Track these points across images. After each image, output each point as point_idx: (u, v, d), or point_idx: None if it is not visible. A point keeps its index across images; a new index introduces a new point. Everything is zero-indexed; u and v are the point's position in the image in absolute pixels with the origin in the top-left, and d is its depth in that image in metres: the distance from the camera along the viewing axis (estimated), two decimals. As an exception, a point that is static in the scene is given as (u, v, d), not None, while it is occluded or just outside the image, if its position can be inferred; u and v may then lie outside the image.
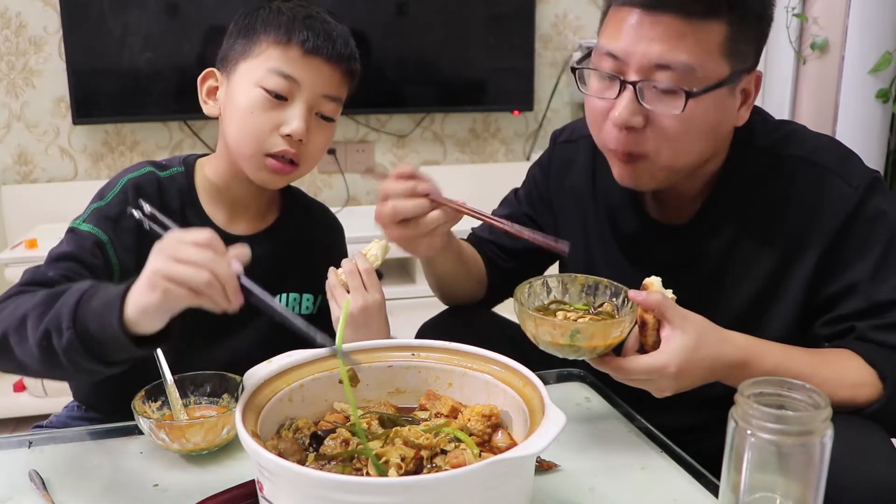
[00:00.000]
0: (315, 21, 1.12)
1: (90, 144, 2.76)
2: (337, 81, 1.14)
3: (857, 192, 1.01)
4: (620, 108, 0.98)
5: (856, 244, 1.02)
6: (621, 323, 0.91)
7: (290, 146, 1.10)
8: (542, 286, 1.00)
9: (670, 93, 0.96)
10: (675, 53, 0.94)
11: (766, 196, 1.07)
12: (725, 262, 1.09)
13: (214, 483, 0.89)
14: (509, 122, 3.04)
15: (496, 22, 2.89)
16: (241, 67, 1.13)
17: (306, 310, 1.23)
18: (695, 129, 0.98)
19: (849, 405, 0.95)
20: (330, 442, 0.81)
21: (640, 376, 0.91)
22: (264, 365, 0.87)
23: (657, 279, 0.94)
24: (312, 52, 1.10)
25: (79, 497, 0.89)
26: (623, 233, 1.19)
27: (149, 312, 0.79)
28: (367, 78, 1.28)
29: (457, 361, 0.91)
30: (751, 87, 1.03)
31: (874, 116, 2.46)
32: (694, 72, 0.95)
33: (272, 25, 1.11)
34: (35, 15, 2.63)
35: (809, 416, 0.69)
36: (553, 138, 1.33)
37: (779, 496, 0.71)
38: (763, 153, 1.08)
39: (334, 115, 1.16)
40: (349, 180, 2.94)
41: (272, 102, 1.10)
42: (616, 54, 0.98)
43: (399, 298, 2.57)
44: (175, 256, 0.78)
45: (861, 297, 1.01)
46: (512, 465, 0.69)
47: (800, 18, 2.51)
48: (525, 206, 1.32)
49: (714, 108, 0.98)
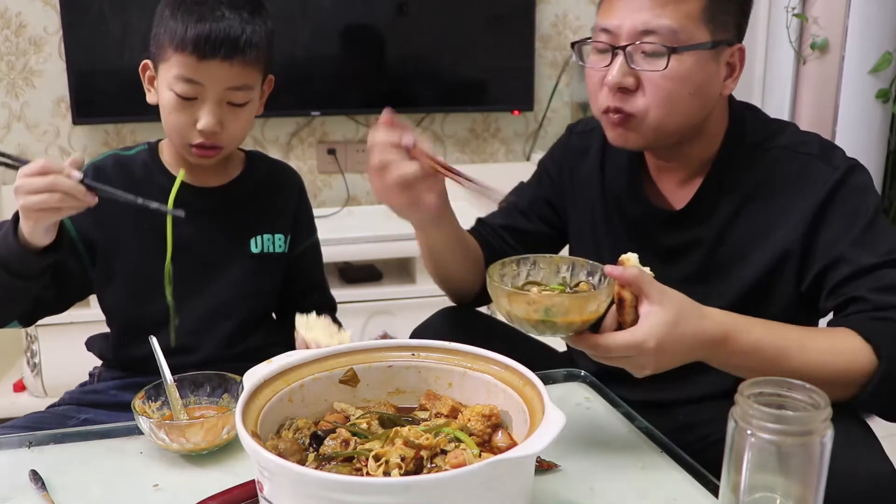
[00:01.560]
0: (206, 22, 1.18)
1: (90, 144, 2.76)
2: (237, 73, 1.21)
3: (839, 171, 1.08)
4: (613, 72, 1.08)
5: (838, 216, 1.07)
6: (597, 297, 0.89)
7: (206, 138, 1.22)
8: (517, 265, 0.99)
9: (657, 55, 1.06)
10: (658, 20, 1.05)
11: (755, 181, 1.14)
12: (721, 245, 1.15)
13: (214, 483, 0.89)
14: (509, 122, 3.04)
15: (496, 22, 2.89)
16: (161, 69, 1.23)
17: (279, 248, 1.36)
18: (681, 88, 1.07)
19: (841, 380, 0.95)
20: (330, 442, 0.81)
21: (618, 353, 0.90)
22: (264, 365, 0.87)
23: (634, 255, 0.93)
24: (207, 57, 1.18)
25: (79, 497, 0.89)
26: (627, 219, 1.24)
27: (35, 234, 1.07)
28: (367, 78, 1.29)
29: (457, 361, 0.91)
30: (735, 60, 1.12)
31: (874, 116, 2.46)
32: (677, 34, 1.05)
33: (170, 32, 1.19)
34: (35, 15, 2.63)
35: (809, 416, 0.69)
36: (569, 129, 1.40)
37: (779, 496, 0.71)
38: (752, 147, 1.15)
39: (246, 100, 1.24)
40: (349, 180, 2.94)
41: (183, 103, 1.20)
42: (609, 28, 1.09)
43: (399, 298, 2.57)
44: (27, 190, 1.02)
45: (848, 265, 1.04)
46: (512, 465, 0.69)
47: (800, 18, 2.51)
48: (542, 190, 1.37)
49: (698, 68, 1.07)
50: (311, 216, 1.44)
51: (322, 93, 2.79)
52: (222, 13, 1.19)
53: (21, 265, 1.10)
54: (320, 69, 2.79)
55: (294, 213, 1.39)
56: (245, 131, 1.28)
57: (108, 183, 1.14)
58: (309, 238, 1.42)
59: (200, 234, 1.29)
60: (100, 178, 1.23)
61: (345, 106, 2.84)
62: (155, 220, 1.23)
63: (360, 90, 2.84)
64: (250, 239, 1.33)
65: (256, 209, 1.35)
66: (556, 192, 1.36)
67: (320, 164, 2.93)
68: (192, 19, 1.18)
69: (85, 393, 1.32)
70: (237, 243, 1.33)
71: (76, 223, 1.25)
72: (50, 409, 1.30)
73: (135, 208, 1.12)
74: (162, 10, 1.22)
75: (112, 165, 1.30)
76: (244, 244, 1.33)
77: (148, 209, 1.11)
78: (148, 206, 1.09)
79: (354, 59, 2.80)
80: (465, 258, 1.26)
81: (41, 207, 1.03)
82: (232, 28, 1.19)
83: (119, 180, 1.26)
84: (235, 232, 1.33)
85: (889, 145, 2.56)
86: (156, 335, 1.10)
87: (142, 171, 1.30)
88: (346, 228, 2.66)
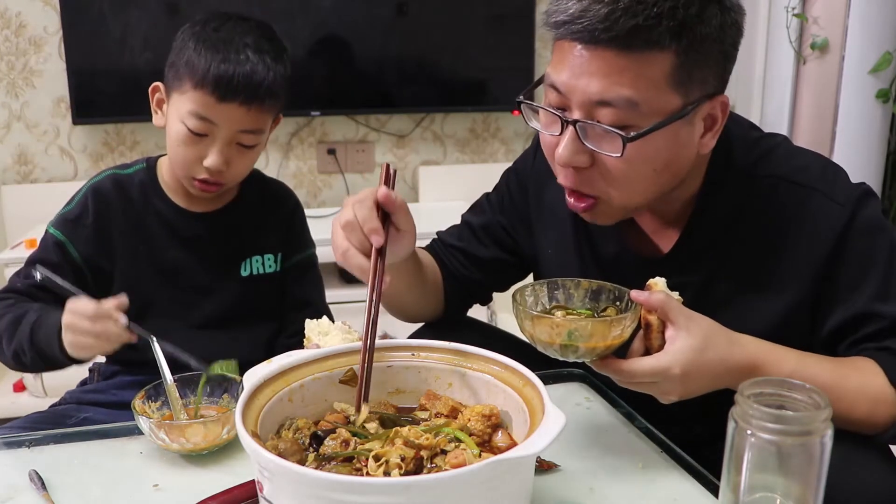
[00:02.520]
0: (230, 64, 1.17)
1: (90, 144, 2.76)
2: (253, 118, 1.22)
3: (846, 209, 0.96)
4: (561, 148, 0.92)
5: (855, 263, 0.97)
6: (621, 322, 0.88)
7: (210, 175, 1.22)
8: (544, 289, 0.98)
9: (610, 130, 0.89)
10: (615, 89, 0.87)
11: (748, 221, 1.01)
12: (707, 297, 1.00)
13: (214, 483, 0.89)
14: (509, 122, 3.04)
15: (496, 22, 2.89)
16: (173, 97, 1.23)
17: (269, 268, 1.36)
18: (643, 170, 0.92)
19: (865, 423, 0.92)
20: (330, 442, 0.81)
21: (643, 379, 0.88)
22: (264, 365, 0.87)
23: (662, 280, 0.92)
24: (226, 99, 1.18)
25: (79, 497, 0.89)
26: (602, 258, 1.12)
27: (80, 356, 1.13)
28: (367, 78, 1.29)
29: (457, 361, 0.91)
30: (717, 111, 0.94)
31: (874, 116, 2.46)
32: (637, 107, 0.88)
33: (191, 67, 1.19)
34: (35, 15, 2.63)
35: (809, 416, 0.69)
36: (535, 143, 1.21)
37: (779, 496, 0.71)
38: (741, 174, 1.01)
39: (255, 142, 1.25)
40: (349, 180, 2.94)
41: (193, 138, 1.20)
42: (559, 88, 0.92)
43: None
44: (78, 331, 1.07)
45: (871, 321, 0.96)
46: (512, 465, 0.69)
47: (800, 18, 2.51)
48: (499, 214, 1.24)
49: (665, 144, 0.91)
50: (304, 233, 1.43)
51: (322, 93, 2.80)
52: (246, 56, 1.19)
53: (61, 366, 1.18)
54: (320, 69, 2.79)
55: (286, 233, 1.39)
56: (247, 172, 1.29)
57: (108, 207, 1.27)
58: (300, 253, 1.41)
59: (192, 260, 1.31)
60: (99, 200, 1.28)
61: (345, 106, 2.85)
62: (150, 246, 1.28)
63: (360, 90, 2.84)
64: (241, 262, 1.34)
65: (248, 233, 1.35)
66: (519, 218, 1.22)
67: (320, 164, 2.93)
68: (216, 58, 1.17)
69: (86, 392, 1.32)
70: (228, 268, 1.33)
71: (80, 250, 1.27)
72: (51, 408, 1.30)
73: (135, 235, 1.27)
74: (185, 40, 1.22)
75: (111, 187, 1.30)
76: (235, 268, 1.33)
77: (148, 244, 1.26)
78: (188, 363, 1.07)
79: (354, 59, 2.80)
80: (425, 294, 1.20)
81: (89, 349, 1.10)
82: (255, 73, 1.19)
83: (118, 204, 1.29)
84: (227, 257, 1.34)
85: (889, 145, 2.55)
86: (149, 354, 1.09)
87: (139, 194, 1.30)
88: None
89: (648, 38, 0.86)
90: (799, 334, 1.00)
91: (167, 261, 1.29)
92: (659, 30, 0.86)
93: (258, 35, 1.22)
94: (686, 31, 0.87)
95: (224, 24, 1.22)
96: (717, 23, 0.89)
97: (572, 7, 0.88)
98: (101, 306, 1.06)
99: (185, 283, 1.31)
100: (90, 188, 1.30)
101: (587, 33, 0.87)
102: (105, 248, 1.28)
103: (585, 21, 0.87)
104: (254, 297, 1.35)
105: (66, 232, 1.27)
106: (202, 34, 1.20)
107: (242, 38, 1.20)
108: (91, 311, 1.06)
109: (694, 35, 0.88)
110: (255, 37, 1.21)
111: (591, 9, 0.86)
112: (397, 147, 2.97)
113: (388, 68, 2.84)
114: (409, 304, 1.22)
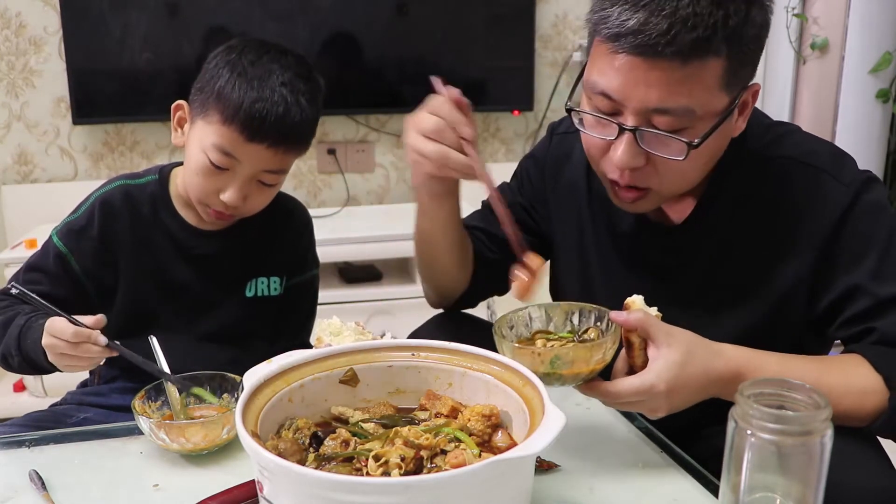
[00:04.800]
0: (264, 103, 1.13)
1: (90, 144, 2.76)
2: (279, 160, 1.19)
3: (851, 189, 0.99)
4: (620, 153, 0.95)
5: (853, 242, 0.99)
6: (602, 346, 0.88)
7: (226, 209, 1.20)
8: (525, 317, 0.98)
9: (671, 136, 0.93)
10: (674, 98, 0.90)
11: (759, 198, 1.05)
12: (719, 264, 1.07)
13: (214, 483, 0.89)
14: (509, 122, 3.04)
15: (496, 22, 2.89)
16: (198, 123, 1.19)
17: (274, 291, 1.33)
18: (697, 164, 0.98)
19: (854, 415, 0.93)
20: (330, 442, 0.81)
21: (629, 398, 0.89)
22: (264, 365, 0.87)
23: (639, 297, 0.92)
24: (255, 140, 1.15)
25: (79, 497, 0.89)
26: (617, 231, 1.15)
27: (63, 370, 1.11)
28: (368, 78, 1.29)
29: (457, 361, 0.91)
30: (748, 98, 0.99)
31: (874, 116, 2.47)
32: (693, 113, 0.92)
33: (223, 99, 1.14)
34: (35, 15, 2.63)
35: (809, 416, 0.69)
36: (550, 130, 1.30)
37: (779, 496, 0.71)
38: (755, 155, 1.06)
39: (276, 182, 1.23)
40: (349, 180, 2.94)
41: (214, 171, 1.17)
42: (610, 95, 0.93)
43: (399, 298, 2.56)
44: (58, 352, 1.06)
45: (867, 297, 0.98)
46: (512, 465, 0.69)
47: (800, 18, 2.52)
48: (519, 196, 1.29)
49: (715, 139, 0.96)
50: (309, 253, 1.40)
51: (322, 93, 2.80)
52: (282, 96, 1.15)
53: (49, 372, 1.15)
54: (320, 69, 2.78)
55: (292, 253, 1.36)
56: (263, 206, 1.25)
57: (115, 221, 1.24)
58: (301, 275, 1.38)
59: (198, 278, 1.28)
60: (107, 213, 1.25)
61: (345, 106, 2.84)
62: (156, 262, 1.26)
63: (360, 90, 2.84)
64: (247, 283, 1.31)
65: (256, 252, 1.32)
66: (538, 199, 1.27)
67: (320, 164, 2.93)
68: (250, 96, 1.13)
69: (86, 394, 1.32)
70: (233, 288, 1.31)
71: (81, 263, 1.24)
72: (51, 408, 1.30)
73: (141, 250, 1.24)
74: (219, 65, 1.17)
75: (121, 201, 1.26)
76: (240, 288, 1.31)
77: (154, 260, 1.24)
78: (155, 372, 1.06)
79: (354, 59, 2.80)
80: (461, 246, 1.21)
81: (72, 367, 1.09)
82: (287, 116, 1.15)
83: (126, 218, 1.25)
84: (234, 277, 1.31)
85: (889, 145, 2.56)
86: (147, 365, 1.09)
87: (149, 209, 1.27)
88: (346, 228, 2.66)
89: (707, 49, 0.89)
90: (797, 311, 1.03)
91: (172, 278, 1.27)
92: (716, 39, 0.88)
93: (294, 73, 1.18)
94: (736, 36, 0.90)
95: (261, 58, 1.17)
96: (760, 21, 0.93)
97: (630, 20, 0.88)
98: (79, 329, 1.04)
99: (188, 300, 1.28)
100: (99, 199, 1.26)
101: (649, 48, 0.88)
102: (109, 262, 1.25)
103: (645, 36, 0.88)
104: (255, 317, 1.32)
105: (69, 244, 1.24)
106: (238, 65, 1.16)
107: (279, 76, 1.16)
108: (69, 333, 1.04)
109: (742, 38, 0.91)
110: (291, 74, 1.17)
111: (650, 21, 0.87)
112: (397, 147, 2.97)
113: (389, 68, 2.84)
114: (444, 254, 1.20)
